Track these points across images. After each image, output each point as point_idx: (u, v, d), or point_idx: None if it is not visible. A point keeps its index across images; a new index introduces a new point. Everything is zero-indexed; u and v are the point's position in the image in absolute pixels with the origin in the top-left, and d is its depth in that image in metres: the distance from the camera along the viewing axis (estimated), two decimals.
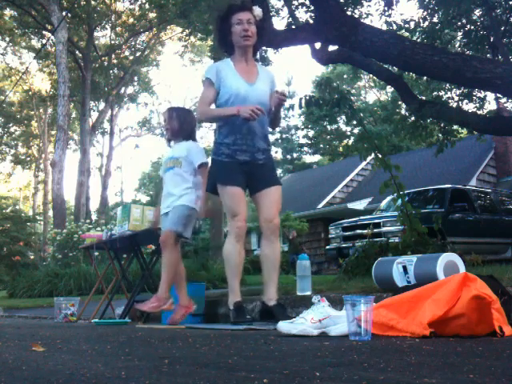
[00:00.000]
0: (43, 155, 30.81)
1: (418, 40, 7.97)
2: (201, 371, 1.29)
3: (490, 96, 8.85)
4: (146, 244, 5.67)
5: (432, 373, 1.19)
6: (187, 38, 21.38)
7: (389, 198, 9.35)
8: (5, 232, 14.87)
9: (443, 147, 7.91)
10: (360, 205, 16.07)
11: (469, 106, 23.67)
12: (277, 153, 33.78)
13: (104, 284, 5.92)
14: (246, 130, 3.16)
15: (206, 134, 33.11)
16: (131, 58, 25.45)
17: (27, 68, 26.79)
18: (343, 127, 32.59)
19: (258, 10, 3.22)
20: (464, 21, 8.13)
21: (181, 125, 3.78)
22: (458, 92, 8.74)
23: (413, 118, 8.20)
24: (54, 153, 16.65)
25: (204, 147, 27.81)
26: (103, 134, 29.93)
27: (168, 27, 24.36)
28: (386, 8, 7.94)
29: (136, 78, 27.25)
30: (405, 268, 2.83)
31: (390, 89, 25.33)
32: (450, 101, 8.81)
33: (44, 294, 9.57)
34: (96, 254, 7.03)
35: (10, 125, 31.31)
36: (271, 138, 33.86)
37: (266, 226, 3.18)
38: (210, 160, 3.38)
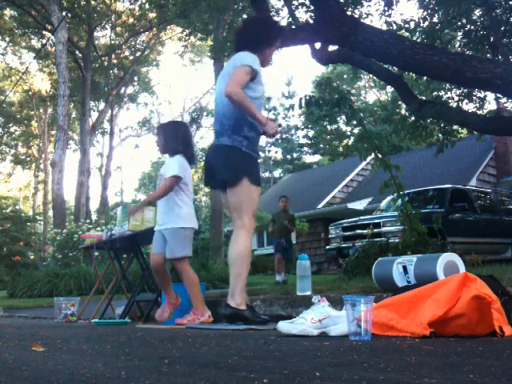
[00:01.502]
0: (43, 155, 30.81)
1: (418, 40, 7.97)
2: (201, 371, 1.29)
3: (490, 96, 8.86)
4: (146, 244, 5.67)
5: (432, 373, 1.19)
6: (187, 38, 21.41)
7: (389, 198, 9.35)
8: (5, 232, 14.87)
9: (443, 147, 7.91)
10: (360, 205, 16.06)
11: (469, 106, 23.68)
12: (277, 153, 33.83)
13: (104, 284, 5.92)
14: (259, 137, 3.28)
15: (206, 134, 33.13)
16: (131, 58, 25.45)
17: (27, 68, 26.80)
18: (343, 127, 32.59)
19: None
20: (464, 21, 8.13)
21: (165, 141, 3.87)
22: (458, 92, 8.73)
23: (413, 118, 8.20)
24: (54, 153, 16.65)
25: (203, 147, 27.77)
26: (103, 134, 29.95)
27: (168, 27, 24.36)
28: (385, 8, 7.94)
29: (136, 78, 27.25)
30: (405, 268, 2.83)
31: (390, 89, 25.33)
32: (450, 101, 8.81)
33: (44, 294, 9.56)
34: (96, 254, 7.03)
35: (10, 125, 31.31)
36: None
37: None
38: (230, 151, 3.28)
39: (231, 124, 3.14)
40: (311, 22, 7.71)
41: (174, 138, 3.87)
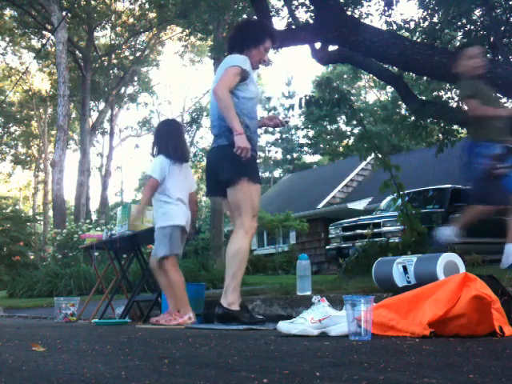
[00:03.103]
0: (43, 155, 30.80)
1: (418, 40, 7.97)
2: (201, 371, 1.29)
3: None
4: (146, 244, 5.67)
5: (432, 373, 1.19)
6: (187, 38, 21.41)
7: (389, 198, 9.34)
8: (5, 232, 14.85)
9: (443, 147, 7.91)
10: (360, 205, 16.06)
11: None
12: (277, 153, 33.83)
13: (104, 284, 5.91)
14: (256, 135, 3.26)
15: (206, 134, 33.10)
16: (131, 58, 25.43)
17: (27, 68, 26.78)
18: (343, 127, 32.59)
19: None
20: (464, 21, 8.13)
21: (155, 139, 3.95)
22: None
23: (413, 118, 8.20)
24: (54, 153, 16.65)
25: (204, 147, 27.84)
26: (103, 134, 29.93)
27: (168, 27, 24.35)
28: (385, 8, 7.94)
29: (136, 78, 27.24)
30: (405, 268, 2.83)
31: (390, 89, 25.32)
32: (450, 101, 8.81)
33: (44, 293, 9.56)
34: (96, 254, 7.02)
35: (10, 125, 31.29)
36: (271, 137, 33.94)
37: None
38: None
39: (227, 125, 3.11)
40: (311, 21, 7.72)
41: (158, 138, 3.94)
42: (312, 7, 7.52)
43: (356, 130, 29.15)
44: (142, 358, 1.64)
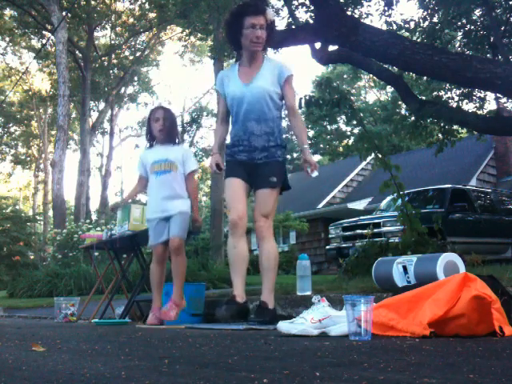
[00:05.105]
0: (43, 155, 30.80)
1: (418, 40, 7.97)
2: (201, 371, 1.29)
3: (490, 96, 8.84)
4: (146, 244, 5.67)
5: (432, 373, 1.19)
6: (187, 38, 21.40)
7: (389, 198, 9.34)
8: (5, 232, 14.85)
9: (443, 147, 7.91)
10: (360, 205, 16.06)
11: (469, 106, 23.66)
12: None
13: (104, 284, 5.91)
14: (242, 131, 3.23)
15: (206, 134, 33.14)
16: (131, 58, 25.43)
17: (27, 68, 26.77)
18: (343, 127, 32.58)
19: (270, 14, 3.20)
20: (464, 21, 8.13)
21: (171, 127, 3.85)
22: (458, 92, 8.73)
23: (413, 118, 8.19)
24: (54, 153, 16.63)
25: (204, 147, 27.87)
26: (103, 134, 29.93)
27: (168, 27, 24.35)
28: (385, 8, 7.93)
29: (136, 78, 27.23)
30: (405, 268, 2.83)
31: (390, 89, 25.32)
32: (450, 101, 8.80)
33: (44, 294, 9.56)
34: (96, 254, 7.02)
35: (10, 125, 31.29)
36: None
37: (255, 227, 3.22)
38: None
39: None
40: (311, 21, 7.71)
41: (175, 127, 3.96)
42: (312, 7, 7.52)
43: (356, 130, 29.12)
44: (142, 358, 1.64)
